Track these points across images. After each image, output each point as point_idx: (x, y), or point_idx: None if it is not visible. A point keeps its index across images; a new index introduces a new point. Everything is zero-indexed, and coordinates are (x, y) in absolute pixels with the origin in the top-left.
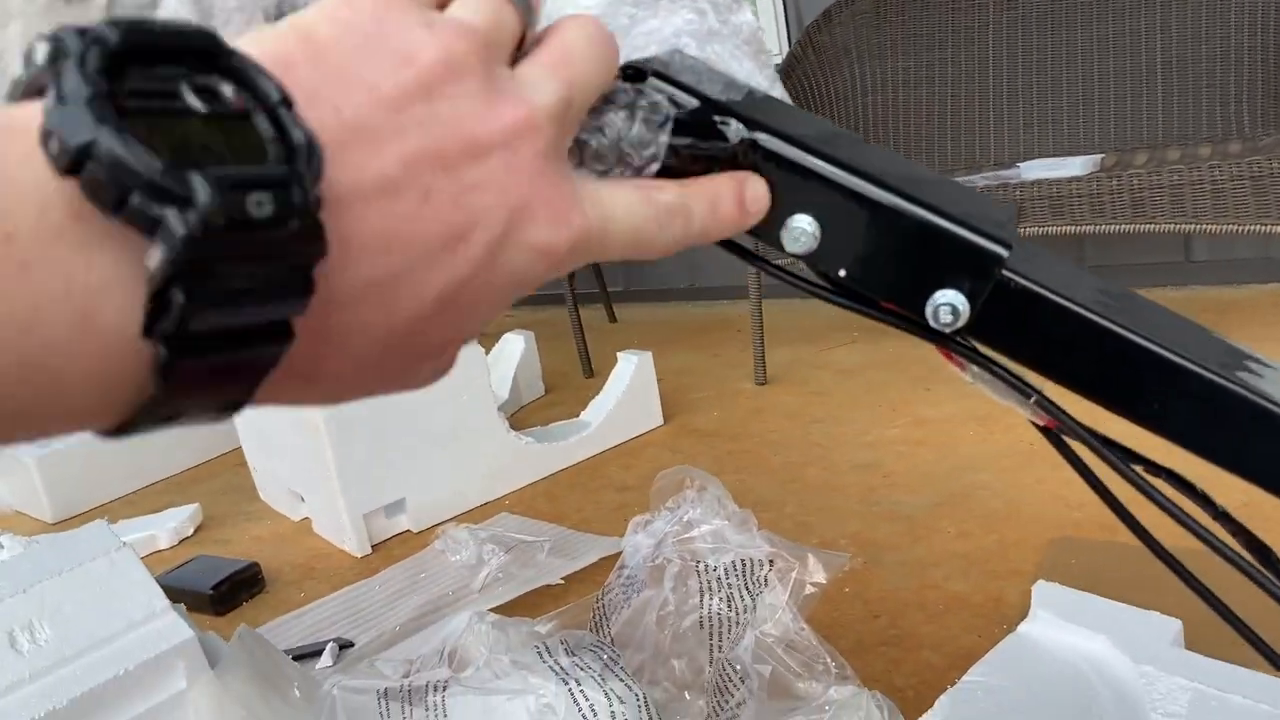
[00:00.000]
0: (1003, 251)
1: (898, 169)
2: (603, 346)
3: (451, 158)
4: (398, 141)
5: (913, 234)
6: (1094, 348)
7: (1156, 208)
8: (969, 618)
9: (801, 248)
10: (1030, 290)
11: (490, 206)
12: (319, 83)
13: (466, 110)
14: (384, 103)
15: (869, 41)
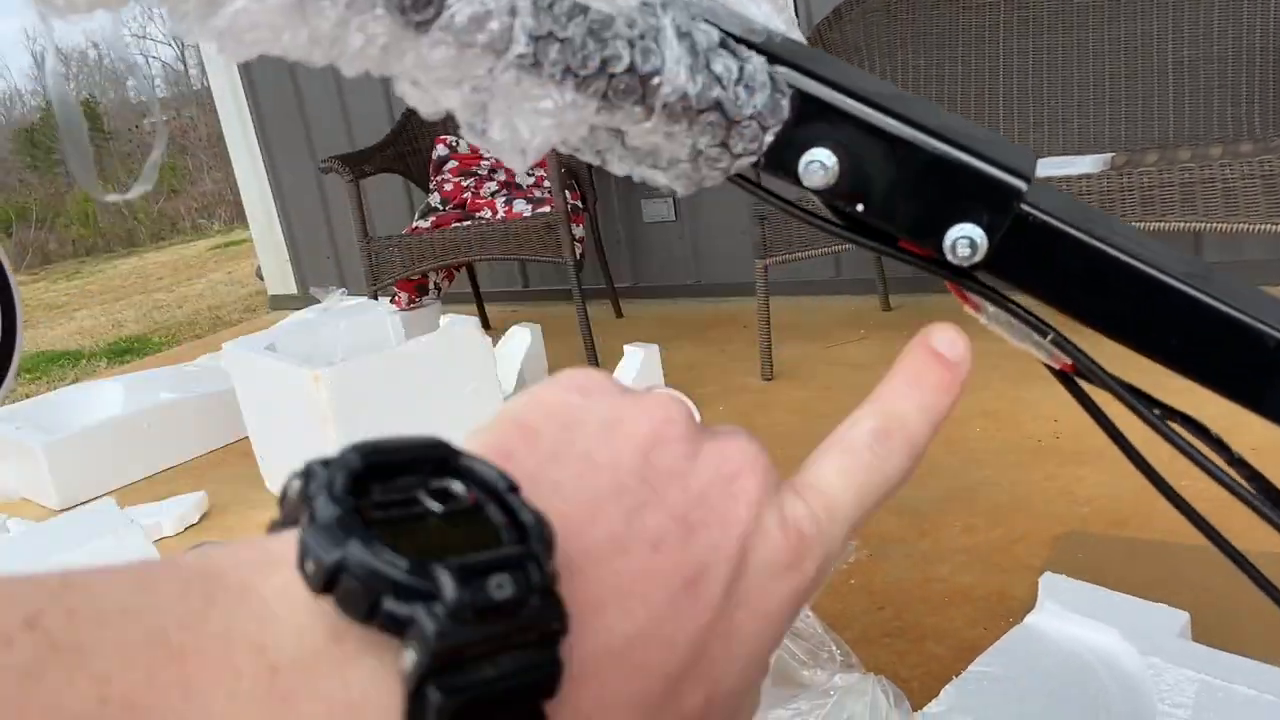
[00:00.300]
0: (1021, 184)
1: (917, 105)
2: (610, 341)
3: (673, 505)
4: (619, 500)
5: (932, 167)
6: (1113, 283)
7: (1167, 206)
8: (974, 610)
9: (819, 182)
10: (1049, 225)
11: (718, 542)
12: (537, 465)
13: (680, 460)
14: (601, 469)
15: (879, 39)
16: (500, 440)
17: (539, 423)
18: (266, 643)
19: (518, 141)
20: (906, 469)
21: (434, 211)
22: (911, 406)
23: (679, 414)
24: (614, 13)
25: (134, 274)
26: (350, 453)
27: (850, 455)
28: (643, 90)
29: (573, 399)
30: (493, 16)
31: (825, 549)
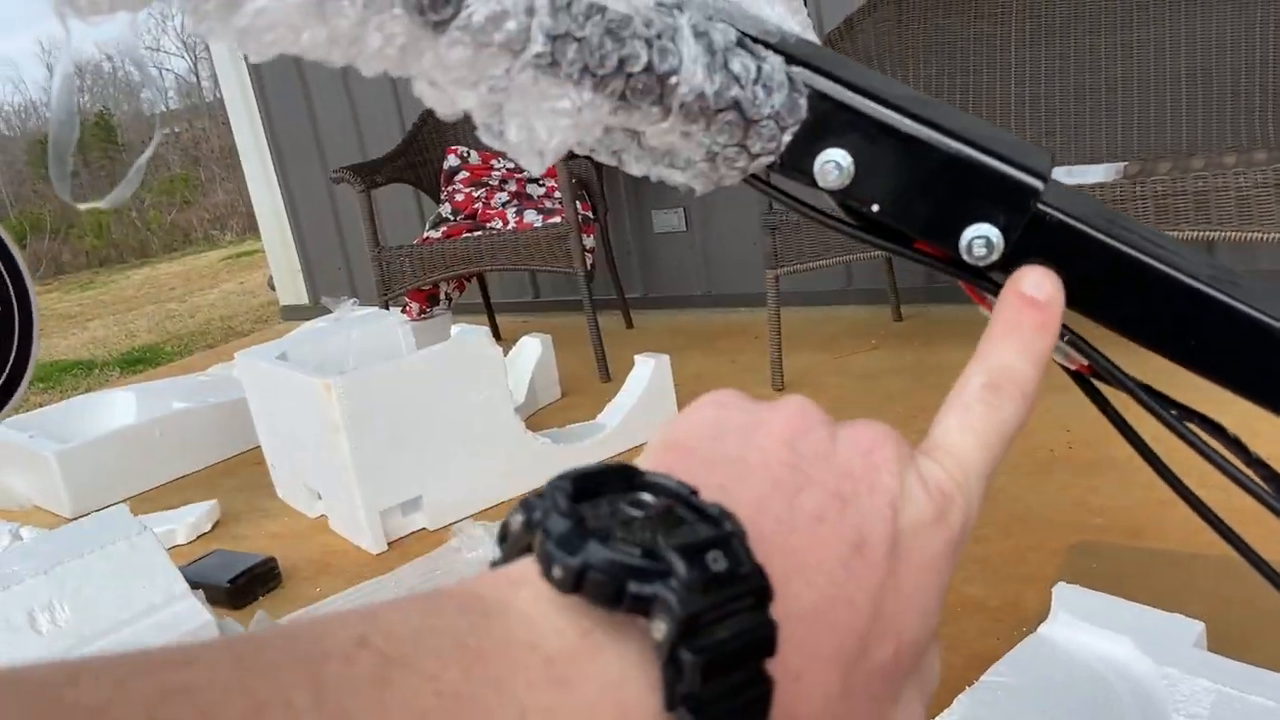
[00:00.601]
0: (1037, 184)
1: (934, 106)
2: (620, 351)
3: (825, 484)
4: (777, 489)
5: (947, 167)
6: (1132, 284)
7: (1180, 214)
8: (986, 621)
9: (835, 182)
10: (1067, 224)
11: (871, 509)
12: (697, 475)
13: (821, 444)
14: (754, 468)
15: (891, 48)
16: (659, 462)
17: (689, 440)
18: (537, 641)
19: (535, 143)
20: (1022, 412)
21: (445, 222)
22: (1013, 353)
23: (809, 408)
24: (631, 12)
25: (146, 284)
26: (560, 480)
27: (967, 412)
28: (660, 90)
29: (713, 414)
30: (510, 16)
31: (966, 500)
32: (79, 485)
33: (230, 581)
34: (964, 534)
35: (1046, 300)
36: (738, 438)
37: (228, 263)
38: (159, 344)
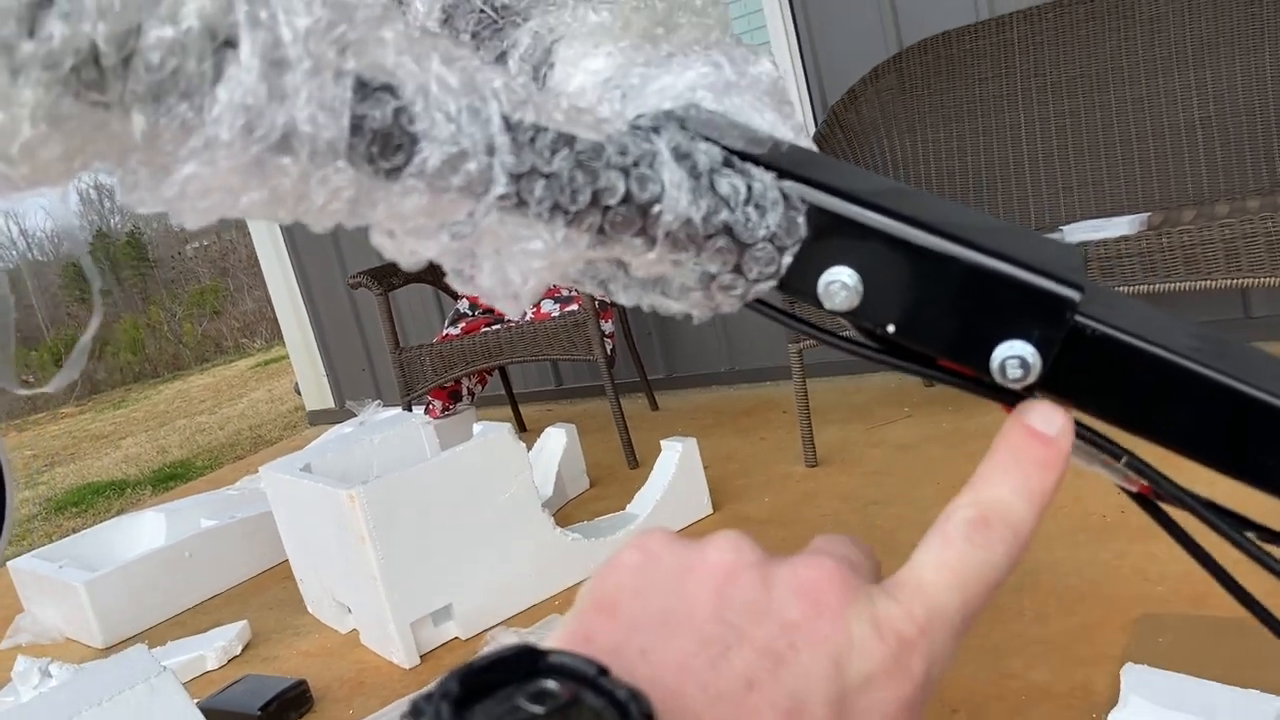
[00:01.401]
0: (1074, 294)
1: (946, 212)
2: (647, 435)
3: (758, 639)
4: (704, 650)
5: (967, 280)
6: (1187, 397)
7: (1211, 264)
8: (1055, 709)
9: (842, 303)
10: (1110, 336)
11: (809, 667)
12: (620, 638)
13: (755, 591)
14: (680, 625)
15: (896, 116)
16: (580, 626)
17: (613, 597)
18: None
19: (508, 287)
20: (1011, 556)
21: (464, 318)
22: (1009, 489)
23: (742, 545)
24: (604, 141)
25: (178, 398)
26: (449, 681)
27: (948, 548)
28: (642, 221)
29: (638, 563)
30: (469, 157)
31: (931, 647)
32: (109, 614)
33: (261, 709)
34: (928, 686)
35: (1055, 436)
36: (664, 589)
37: (256, 371)
38: (190, 458)
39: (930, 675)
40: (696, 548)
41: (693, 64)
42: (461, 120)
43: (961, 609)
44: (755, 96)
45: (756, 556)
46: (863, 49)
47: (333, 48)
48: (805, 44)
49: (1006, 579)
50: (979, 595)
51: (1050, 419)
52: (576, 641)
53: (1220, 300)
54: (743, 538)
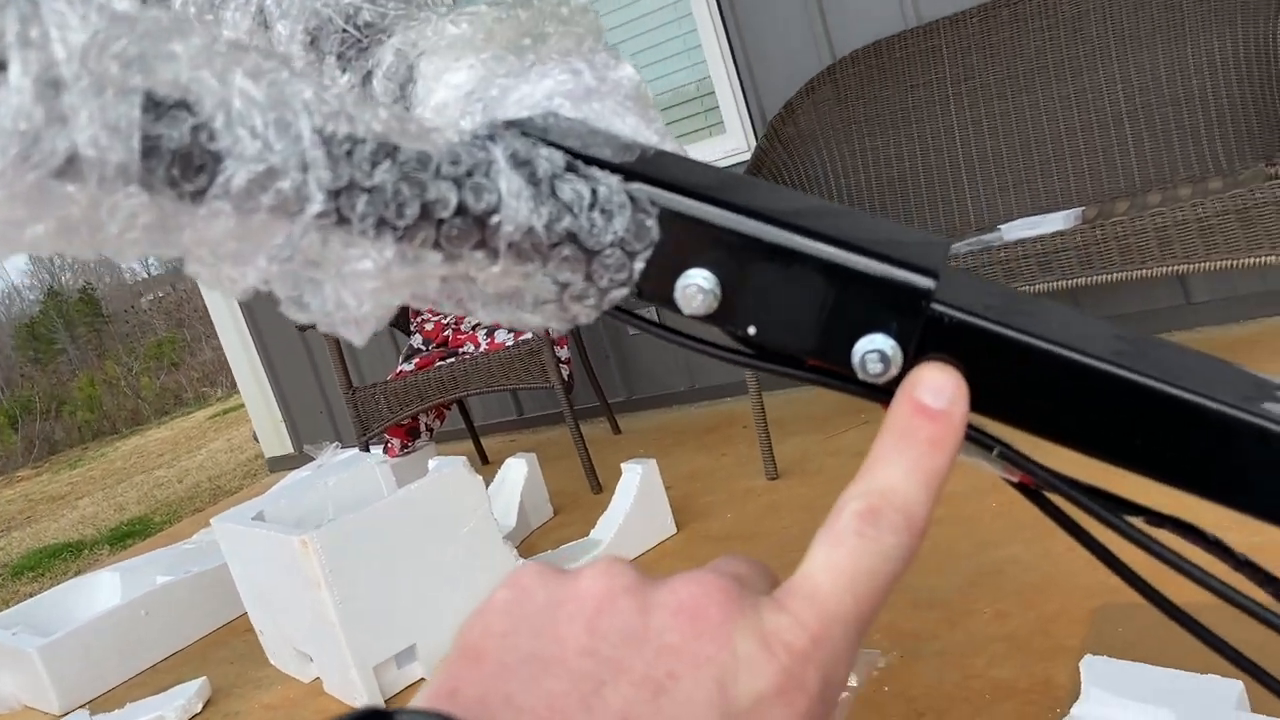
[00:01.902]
0: (927, 282)
1: (800, 206)
2: (609, 459)
3: (635, 670)
4: (575, 688)
5: (821, 275)
6: (1050, 381)
7: (1146, 252)
8: (1019, 705)
9: (700, 307)
10: (968, 324)
11: (691, 692)
12: (487, 686)
13: (631, 619)
14: (550, 664)
15: (834, 127)
16: (447, 678)
17: (481, 642)
18: None
19: (345, 312)
20: (907, 545)
21: (417, 353)
22: (900, 474)
23: (617, 572)
24: (432, 151)
25: (135, 454)
26: None
27: (838, 547)
28: (481, 232)
29: (509, 601)
30: (279, 174)
31: (826, 656)
32: (65, 679)
33: None
34: (826, 697)
35: (945, 409)
36: (535, 628)
37: (215, 420)
38: (148, 515)
39: (828, 683)
40: (570, 579)
41: (551, 72)
42: (269, 136)
43: (856, 609)
44: (617, 102)
45: (632, 580)
46: (797, 62)
47: (115, 63)
48: (740, 61)
49: (906, 568)
50: (875, 592)
51: (939, 390)
52: (441, 696)
53: (1161, 288)
54: (618, 562)
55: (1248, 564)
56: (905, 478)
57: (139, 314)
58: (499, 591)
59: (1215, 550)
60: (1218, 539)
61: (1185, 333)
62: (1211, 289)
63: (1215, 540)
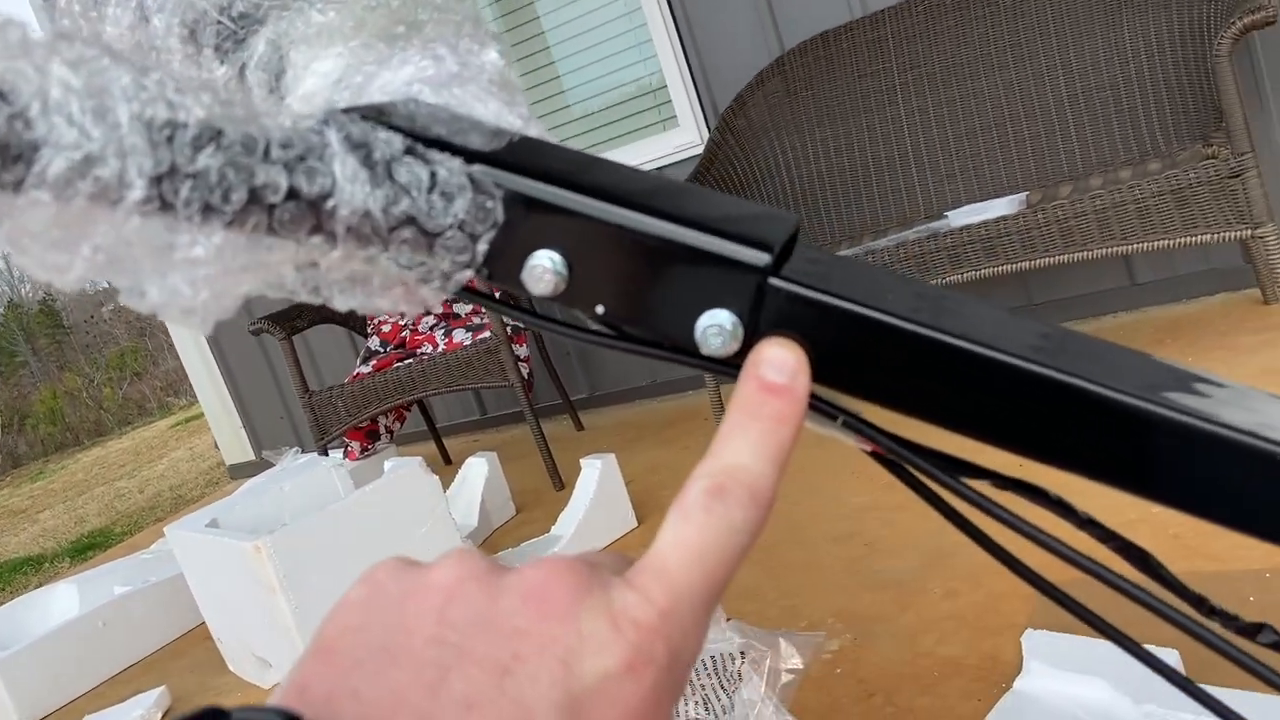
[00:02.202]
0: (762, 257)
1: (646, 186)
2: (572, 456)
3: (482, 656)
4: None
5: (661, 252)
6: (895, 354)
7: (1087, 235)
8: (966, 682)
9: (548, 288)
10: (803, 296)
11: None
12: (335, 681)
13: (479, 606)
14: (397, 656)
15: (785, 118)
16: (298, 675)
17: (334, 638)
18: None
19: (181, 301)
20: (754, 519)
21: (375, 355)
22: (746, 451)
23: (469, 560)
24: (259, 135)
25: (96, 465)
26: None
27: (686, 523)
28: (316, 217)
29: (362, 597)
30: (97, 161)
31: (674, 630)
32: (24, 692)
33: None
34: (675, 671)
35: (787, 384)
36: (386, 621)
37: (176, 430)
38: (109, 526)
39: (678, 657)
40: (422, 571)
41: (412, 59)
42: (85, 123)
43: (705, 582)
44: (480, 87)
45: (482, 569)
46: (747, 55)
47: None
48: (691, 55)
49: (754, 544)
50: (723, 565)
51: (781, 365)
52: (290, 694)
53: (1106, 270)
54: (470, 552)
55: (1090, 522)
56: (751, 454)
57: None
58: (354, 588)
59: (1059, 510)
60: (1060, 499)
61: (1132, 313)
62: (1155, 270)
63: (1059, 500)
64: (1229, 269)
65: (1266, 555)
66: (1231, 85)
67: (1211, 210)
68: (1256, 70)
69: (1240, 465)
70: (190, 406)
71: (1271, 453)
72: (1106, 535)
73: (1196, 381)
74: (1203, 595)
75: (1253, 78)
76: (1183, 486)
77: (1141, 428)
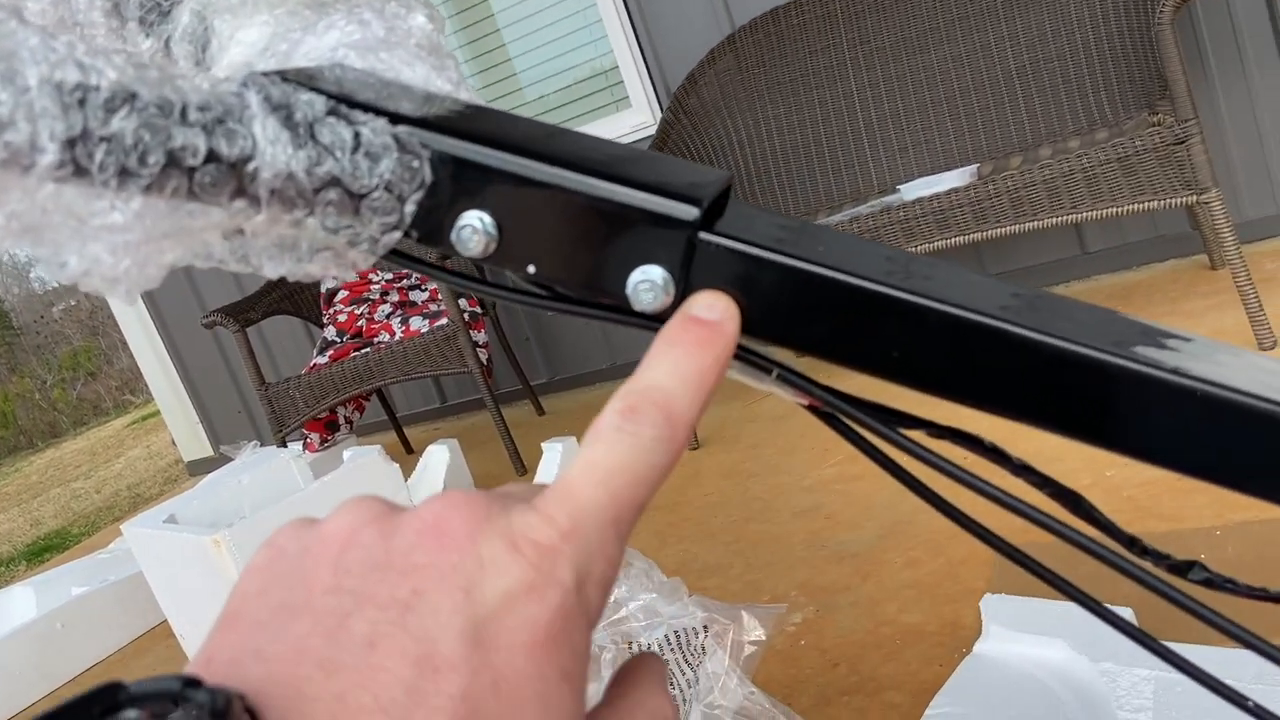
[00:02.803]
0: (690, 210)
1: (574, 145)
2: (534, 441)
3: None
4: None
5: (591, 209)
6: (821, 303)
7: (1037, 204)
8: (928, 648)
9: (477, 249)
10: (733, 249)
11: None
12: (239, 647)
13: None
14: (296, 609)
15: (737, 96)
16: (205, 648)
17: (238, 606)
18: None
19: (103, 270)
20: (666, 439)
21: (331, 345)
22: (663, 372)
23: (365, 506)
24: (176, 97)
25: (51, 467)
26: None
27: (597, 443)
28: (238, 180)
29: (264, 561)
30: (6, 125)
31: (578, 551)
32: None
33: None
34: (585, 590)
35: (715, 319)
36: (286, 580)
37: (133, 428)
38: (65, 527)
39: (586, 578)
40: (318, 525)
41: (337, 24)
42: None
43: (613, 502)
44: (407, 51)
45: (378, 512)
46: (698, 34)
47: None
48: (641, 34)
49: (670, 465)
50: (633, 485)
51: (712, 306)
52: (199, 665)
53: (1057, 240)
54: (366, 499)
55: (1024, 468)
56: (667, 375)
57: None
58: (257, 554)
59: (994, 457)
60: (995, 446)
61: (1084, 282)
62: (1105, 238)
63: (994, 448)
64: (1177, 235)
65: (1216, 513)
66: (1174, 53)
67: (1158, 177)
68: (1199, 38)
69: (1208, 416)
70: (146, 405)
71: (1238, 403)
72: (1041, 480)
73: (1164, 337)
74: (1134, 536)
75: (1195, 46)
76: (1150, 438)
77: (1112, 383)
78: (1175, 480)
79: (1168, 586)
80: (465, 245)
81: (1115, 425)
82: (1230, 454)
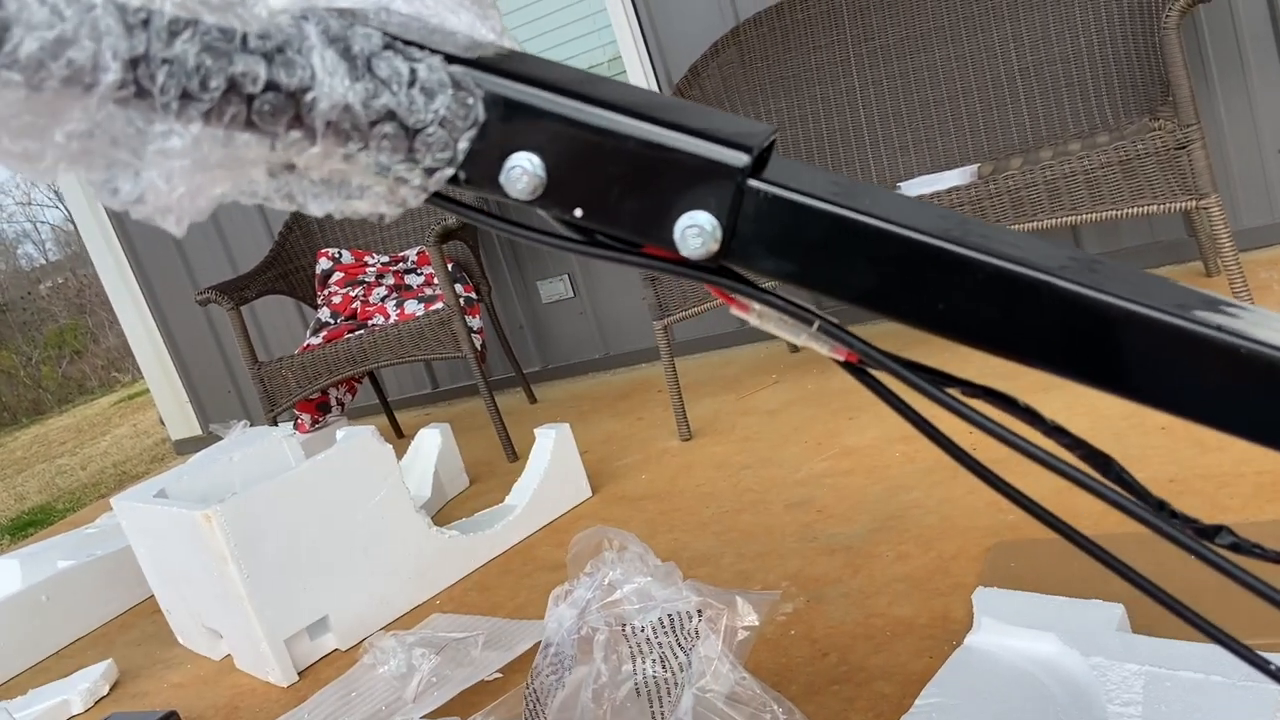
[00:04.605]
0: (740, 157)
1: (626, 93)
2: (526, 428)
3: None
4: None
5: (641, 154)
6: (868, 253)
7: (1036, 205)
8: (918, 640)
9: (525, 190)
10: (781, 197)
11: None
12: None
13: None
14: None
15: (739, 89)
16: None
17: None
18: None
19: (157, 197)
20: None
21: (325, 326)
22: None
23: None
24: (238, 24)
25: (35, 443)
26: None
27: None
28: (296, 109)
29: None
30: (70, 43)
31: None
32: None
33: None
34: None
35: None
36: None
37: (120, 406)
38: (50, 503)
39: None
40: None
41: None
42: (58, 3)
43: None
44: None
45: None
46: (703, 28)
47: None
48: (646, 24)
49: None
50: None
51: None
52: None
53: (1052, 239)
54: None
55: (1057, 429)
56: None
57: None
58: None
59: (1027, 418)
60: (1029, 406)
61: None
62: (1102, 242)
63: (1027, 408)
64: (1173, 241)
65: (1258, 507)
66: (1179, 58)
67: (1158, 181)
68: (1202, 44)
69: (1267, 379)
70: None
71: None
72: (1073, 442)
73: (1223, 304)
74: (1163, 500)
75: (1198, 52)
76: (1206, 400)
77: (1176, 345)
78: (1204, 474)
79: (1199, 544)
80: (514, 186)
81: (1173, 386)
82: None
